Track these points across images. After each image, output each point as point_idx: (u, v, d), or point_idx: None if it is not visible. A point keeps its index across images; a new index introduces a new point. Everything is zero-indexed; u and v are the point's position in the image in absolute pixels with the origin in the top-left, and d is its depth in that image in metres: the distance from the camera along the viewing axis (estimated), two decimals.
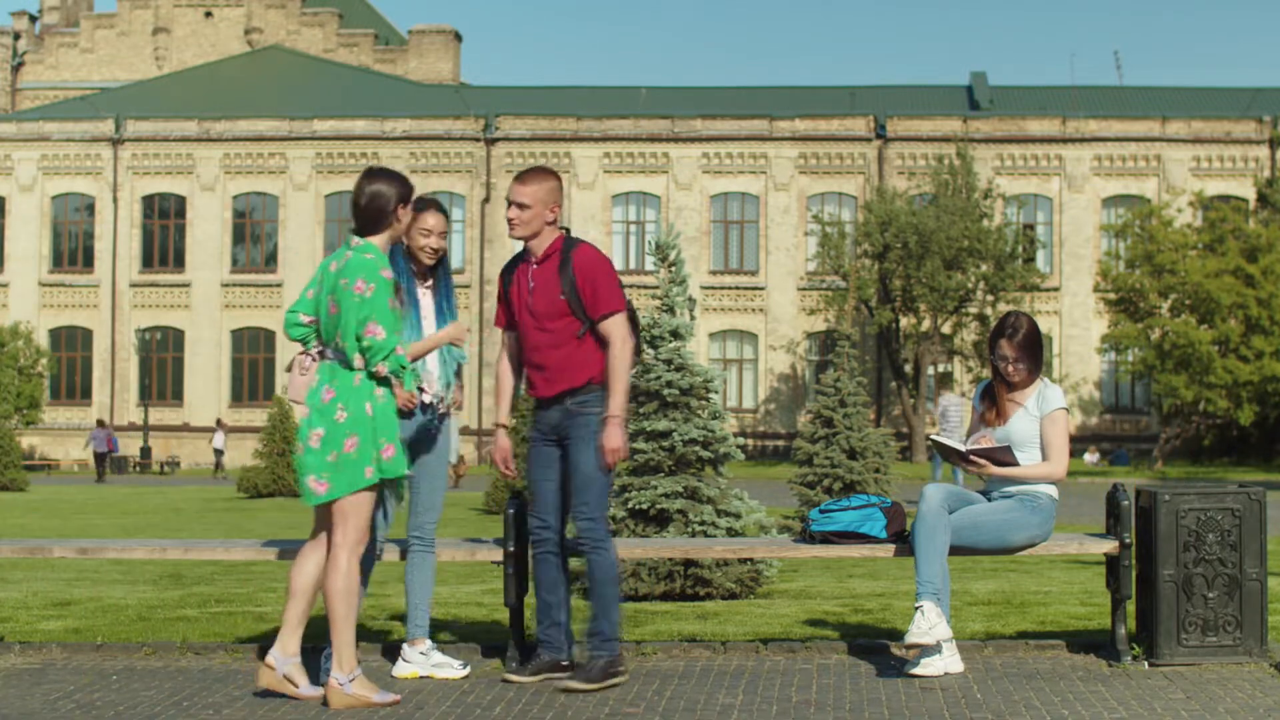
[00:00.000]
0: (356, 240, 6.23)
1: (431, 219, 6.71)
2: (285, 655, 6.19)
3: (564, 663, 6.69)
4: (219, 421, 51.52)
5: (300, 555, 6.30)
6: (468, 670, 6.76)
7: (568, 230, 6.73)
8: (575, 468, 6.54)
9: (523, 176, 6.64)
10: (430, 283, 6.79)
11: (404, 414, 6.50)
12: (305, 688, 6.22)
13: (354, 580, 6.13)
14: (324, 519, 6.24)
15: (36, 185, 57.30)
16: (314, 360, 6.24)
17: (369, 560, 6.61)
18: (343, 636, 6.09)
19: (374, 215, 6.22)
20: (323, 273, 6.25)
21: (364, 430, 6.06)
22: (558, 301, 6.54)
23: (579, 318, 6.54)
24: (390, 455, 6.11)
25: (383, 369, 6.07)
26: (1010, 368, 7.02)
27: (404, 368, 6.13)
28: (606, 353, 6.53)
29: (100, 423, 47.39)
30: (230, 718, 5.94)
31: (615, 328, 6.54)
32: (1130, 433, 53.76)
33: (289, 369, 6.44)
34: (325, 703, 6.08)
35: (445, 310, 6.81)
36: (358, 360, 6.10)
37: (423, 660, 6.73)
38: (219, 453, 48.84)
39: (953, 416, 24.86)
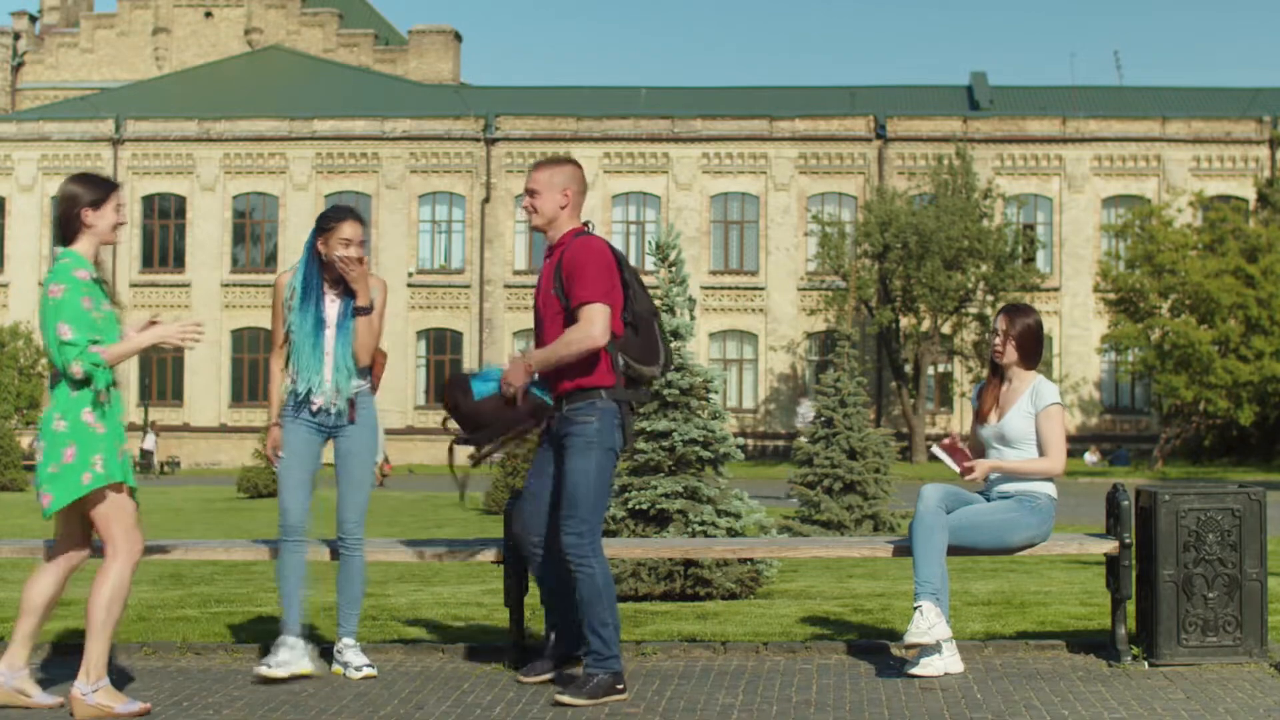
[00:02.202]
0: (58, 249, 6.14)
1: (349, 229, 6.59)
2: (13, 670, 6.06)
3: (576, 655, 6.52)
4: (152, 424, 52.60)
5: (37, 571, 6.17)
6: (372, 672, 6.65)
7: (589, 226, 6.34)
8: (565, 476, 6.21)
9: (536, 164, 6.38)
10: (339, 290, 6.66)
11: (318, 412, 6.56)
12: (39, 696, 6.09)
13: (121, 590, 5.97)
14: (63, 536, 6.15)
15: (36, 185, 57.30)
16: None
17: (290, 559, 6.61)
18: (98, 645, 5.92)
19: (65, 221, 6.08)
20: None
21: (82, 438, 5.92)
22: (553, 298, 6.21)
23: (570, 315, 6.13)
24: (99, 470, 5.91)
25: (77, 369, 5.88)
26: (999, 341, 7.02)
27: (97, 365, 5.89)
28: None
29: None
30: (230, 718, 5.94)
31: (590, 315, 6.06)
32: (1130, 433, 53.75)
33: None
34: (71, 714, 5.91)
35: (348, 318, 6.63)
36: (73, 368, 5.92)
37: (338, 656, 6.71)
38: (148, 453, 50.00)
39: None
